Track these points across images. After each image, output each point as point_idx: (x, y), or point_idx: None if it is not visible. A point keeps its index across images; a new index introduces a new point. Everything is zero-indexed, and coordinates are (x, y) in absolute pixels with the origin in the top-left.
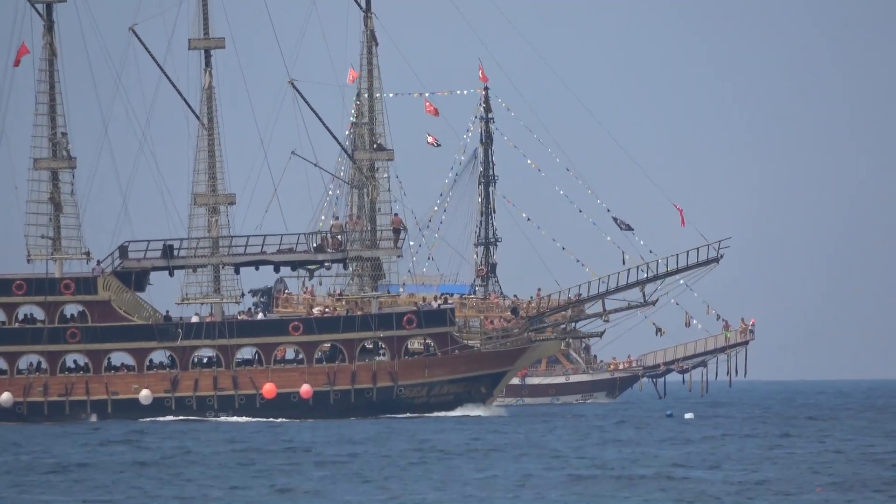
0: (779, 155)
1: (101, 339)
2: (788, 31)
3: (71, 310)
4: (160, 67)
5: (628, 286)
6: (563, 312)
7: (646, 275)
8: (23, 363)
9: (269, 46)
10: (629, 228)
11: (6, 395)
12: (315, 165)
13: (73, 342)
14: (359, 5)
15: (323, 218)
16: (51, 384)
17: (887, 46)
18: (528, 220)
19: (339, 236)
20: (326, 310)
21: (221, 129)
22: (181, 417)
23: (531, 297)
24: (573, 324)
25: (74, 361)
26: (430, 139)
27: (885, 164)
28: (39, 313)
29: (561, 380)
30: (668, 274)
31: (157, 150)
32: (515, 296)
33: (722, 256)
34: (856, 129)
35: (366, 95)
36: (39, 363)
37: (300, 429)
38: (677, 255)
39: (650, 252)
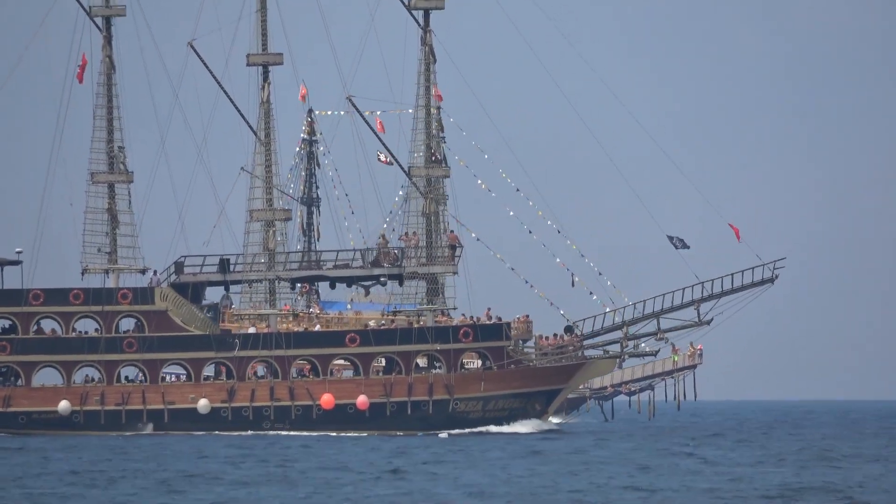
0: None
1: (158, 349)
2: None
3: (128, 319)
4: (218, 82)
5: (683, 306)
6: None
7: (701, 294)
8: (79, 372)
9: (327, 62)
10: (685, 247)
11: (64, 404)
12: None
13: (129, 352)
14: (417, 22)
15: (270, 233)
16: (107, 393)
17: None
18: (478, 240)
19: (395, 251)
20: (382, 322)
21: (278, 145)
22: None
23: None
24: (630, 342)
25: (125, 377)
26: (381, 157)
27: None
28: (94, 324)
29: None
30: (724, 293)
31: (213, 165)
32: (463, 315)
33: (777, 277)
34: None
35: (420, 110)
36: (96, 373)
37: None
38: (732, 274)
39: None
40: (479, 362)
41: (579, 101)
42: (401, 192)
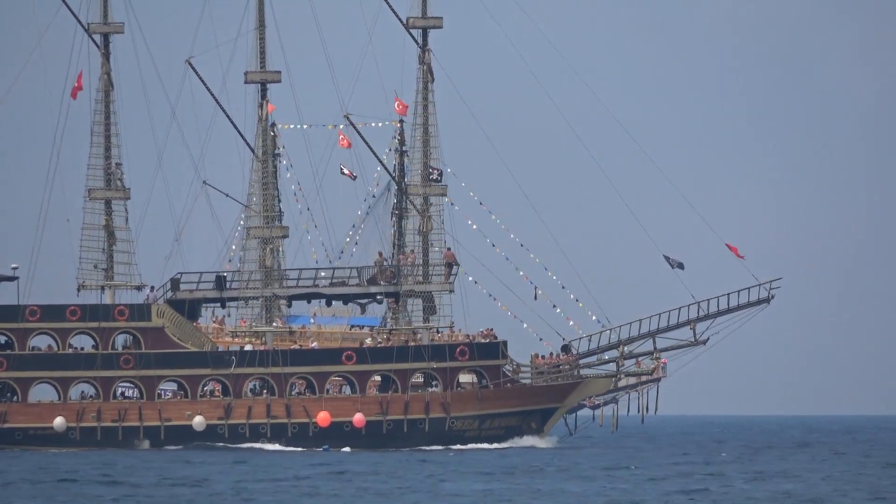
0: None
1: (155, 366)
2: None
3: (124, 335)
4: (216, 100)
5: (679, 325)
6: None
7: (697, 314)
8: (75, 389)
9: (325, 80)
10: (681, 267)
11: (59, 420)
12: (226, 196)
13: (126, 368)
14: (415, 41)
15: (234, 248)
16: (104, 410)
17: None
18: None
19: (392, 269)
20: (380, 341)
21: (276, 162)
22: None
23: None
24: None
25: (122, 393)
26: (345, 171)
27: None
28: (90, 341)
29: None
30: (719, 313)
31: (210, 182)
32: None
33: (773, 297)
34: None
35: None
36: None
37: None
38: (728, 294)
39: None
40: (472, 377)
41: (576, 119)
42: (363, 206)
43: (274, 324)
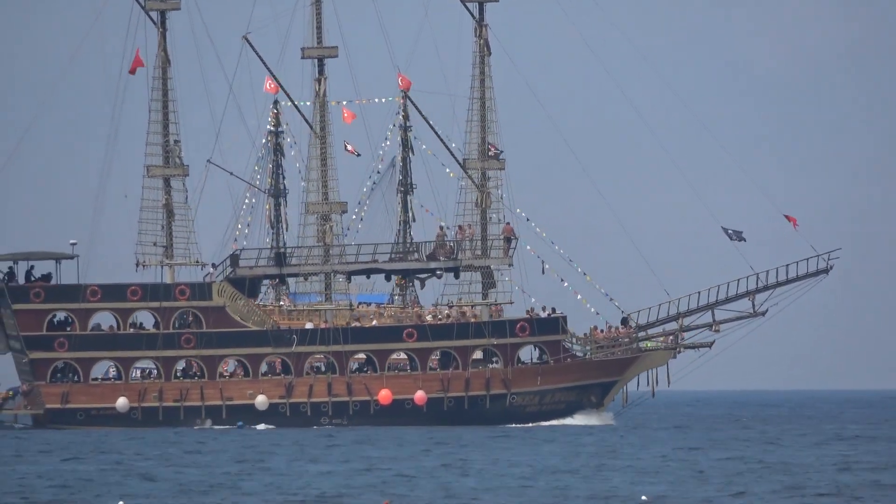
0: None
1: (216, 345)
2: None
3: (185, 315)
4: (273, 75)
5: (738, 297)
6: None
7: (756, 285)
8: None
9: (381, 55)
10: (741, 239)
11: (122, 401)
12: (231, 174)
13: (187, 347)
14: (472, 15)
15: (240, 226)
16: (165, 389)
17: None
18: (446, 228)
19: (451, 244)
20: (439, 316)
21: (333, 138)
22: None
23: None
24: (683, 333)
25: (183, 369)
26: (348, 147)
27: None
28: (150, 319)
29: None
30: (778, 284)
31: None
32: (434, 304)
33: (832, 267)
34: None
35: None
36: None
37: None
38: (787, 265)
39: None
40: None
41: (632, 91)
42: (369, 183)
43: (281, 302)
